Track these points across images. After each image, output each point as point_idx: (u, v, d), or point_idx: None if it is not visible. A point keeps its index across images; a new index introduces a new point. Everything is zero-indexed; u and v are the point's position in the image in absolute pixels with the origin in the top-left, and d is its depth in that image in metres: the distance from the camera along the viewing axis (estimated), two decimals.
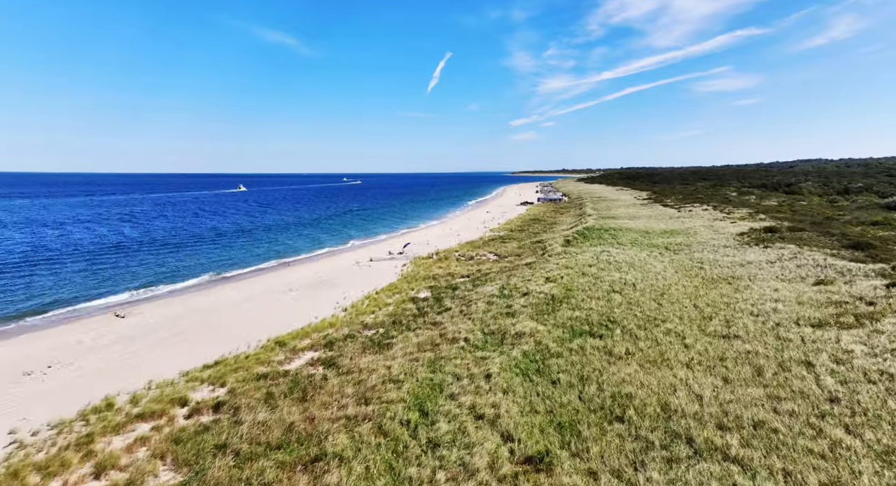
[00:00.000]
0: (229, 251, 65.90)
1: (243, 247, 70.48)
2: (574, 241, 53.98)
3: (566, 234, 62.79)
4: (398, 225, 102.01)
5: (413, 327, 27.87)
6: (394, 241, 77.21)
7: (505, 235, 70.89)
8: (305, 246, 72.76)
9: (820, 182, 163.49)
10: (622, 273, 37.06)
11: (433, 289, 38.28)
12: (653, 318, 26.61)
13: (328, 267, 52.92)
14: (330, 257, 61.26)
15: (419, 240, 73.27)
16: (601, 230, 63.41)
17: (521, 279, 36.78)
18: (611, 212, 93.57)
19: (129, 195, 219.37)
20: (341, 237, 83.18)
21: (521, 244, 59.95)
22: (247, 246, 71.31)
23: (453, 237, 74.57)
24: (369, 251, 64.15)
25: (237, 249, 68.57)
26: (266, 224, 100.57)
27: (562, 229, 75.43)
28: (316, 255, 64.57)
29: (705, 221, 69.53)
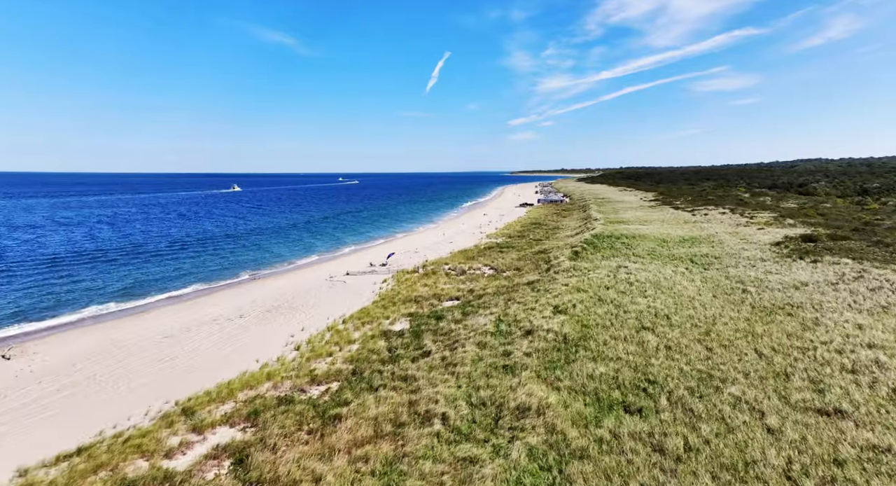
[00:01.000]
0: (200, 261, 58.29)
1: (221, 254, 62.96)
2: (583, 252, 46.50)
3: (573, 242, 55.31)
4: (389, 229, 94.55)
5: (376, 384, 20.36)
6: (380, 248, 69.76)
7: (503, 243, 63.44)
8: (289, 253, 65.21)
9: (831, 182, 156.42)
10: (649, 299, 29.60)
11: (413, 318, 30.78)
12: (706, 374, 19.15)
13: (297, 283, 45.42)
14: (304, 270, 53.74)
15: (408, 247, 65.78)
16: (612, 238, 55.95)
17: (522, 307, 29.28)
18: (618, 215, 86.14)
19: (118, 196, 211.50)
20: (329, 242, 75.72)
21: (521, 255, 52.47)
22: (225, 254, 63.70)
23: (445, 245, 67.07)
24: (350, 262, 56.66)
25: (212, 257, 60.96)
26: (253, 228, 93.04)
27: (566, 235, 67.97)
28: (292, 266, 56.99)
29: (727, 227, 62.14)
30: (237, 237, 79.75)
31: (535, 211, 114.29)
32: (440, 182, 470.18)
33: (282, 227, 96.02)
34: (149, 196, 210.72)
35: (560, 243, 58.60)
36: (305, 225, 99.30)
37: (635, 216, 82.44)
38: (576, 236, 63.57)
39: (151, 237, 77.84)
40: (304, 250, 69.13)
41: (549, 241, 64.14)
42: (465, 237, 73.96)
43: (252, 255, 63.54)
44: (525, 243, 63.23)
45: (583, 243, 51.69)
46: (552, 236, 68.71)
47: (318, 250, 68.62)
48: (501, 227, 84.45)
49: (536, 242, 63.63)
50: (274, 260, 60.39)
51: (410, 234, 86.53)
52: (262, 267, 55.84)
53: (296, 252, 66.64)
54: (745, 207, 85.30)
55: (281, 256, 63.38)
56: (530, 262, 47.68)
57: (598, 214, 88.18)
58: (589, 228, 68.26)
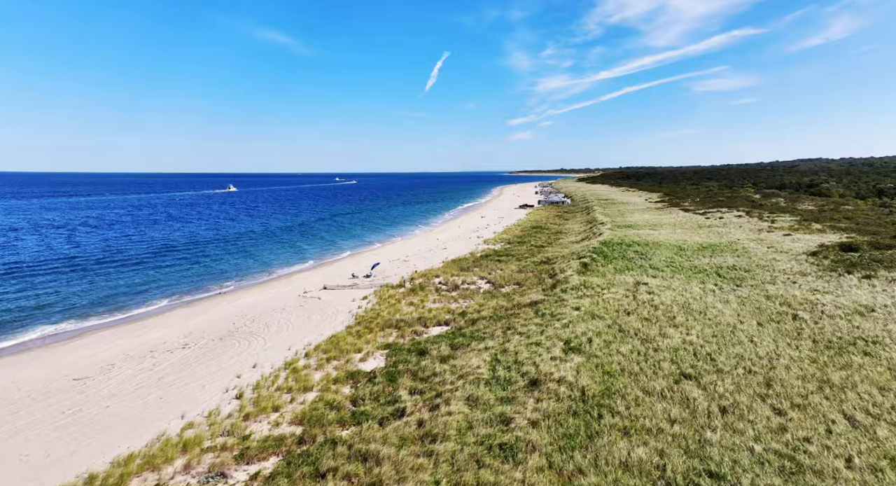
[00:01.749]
0: (174, 271, 52.55)
1: (201, 262, 57.25)
2: (593, 263, 40.76)
3: (579, 250, 49.60)
4: (382, 232, 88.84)
5: (324, 468, 14.60)
6: (369, 254, 64.09)
7: (501, 250, 57.72)
8: (272, 260, 59.57)
9: (839, 182, 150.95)
10: (681, 330, 23.90)
11: (391, 352, 25.05)
12: (791, 460, 13.41)
13: (267, 299, 39.65)
14: (280, 282, 47.98)
15: (397, 255, 60.05)
16: (623, 246, 50.27)
17: (524, 340, 23.54)
18: (625, 218, 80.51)
19: (109, 196, 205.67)
20: (317, 247, 70.08)
21: (522, 265, 46.73)
22: (206, 261, 57.92)
23: (439, 252, 61.35)
24: (332, 271, 50.94)
25: (188, 266, 55.15)
26: (242, 231, 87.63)
27: (571, 241, 62.30)
28: (270, 276, 51.17)
29: (748, 233, 56.47)
30: (224, 242, 74.09)
31: (536, 213, 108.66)
32: (439, 182, 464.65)
33: (272, 230, 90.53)
34: (141, 197, 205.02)
35: (565, 251, 52.89)
36: (297, 228, 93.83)
37: (644, 220, 76.79)
38: (582, 243, 57.88)
39: (131, 242, 72.42)
40: (290, 256, 63.48)
41: (552, 248, 58.44)
42: (460, 243, 68.24)
43: (232, 262, 57.78)
44: (526, 250, 57.51)
45: (591, 251, 45.95)
46: (555, 242, 62.99)
47: (304, 257, 62.93)
48: (500, 231, 78.75)
49: (538, 249, 57.91)
50: (254, 268, 54.68)
51: (403, 238, 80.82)
52: (237, 277, 50.09)
53: (279, 259, 60.90)
54: (760, 210, 79.69)
55: (262, 263, 57.64)
56: (533, 274, 41.93)
57: (603, 217, 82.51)
58: (595, 233, 62.55)
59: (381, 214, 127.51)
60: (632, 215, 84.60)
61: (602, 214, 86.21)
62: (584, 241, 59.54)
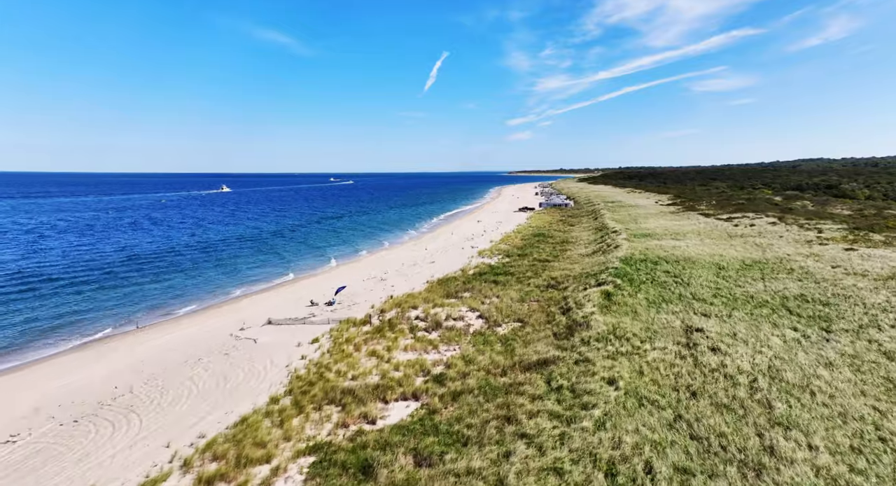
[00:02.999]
0: (101, 293, 42.77)
1: (139, 283, 47.29)
2: (617, 292, 31.16)
3: (595, 269, 40.01)
4: (366, 240, 79.21)
5: None
6: (346, 268, 54.60)
7: (498, 266, 48.11)
8: (226, 279, 49.66)
9: (854, 182, 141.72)
10: (794, 435, 14.38)
11: (317, 466, 15.45)
12: None
13: (188, 340, 30.04)
14: (219, 311, 38.36)
15: (374, 271, 50.46)
16: (648, 263, 40.71)
17: (535, 460, 13.97)
18: (639, 225, 71.03)
19: (95, 197, 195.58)
20: (286, 260, 60.44)
21: (524, 291, 37.06)
22: (145, 282, 47.51)
23: (425, 266, 51.78)
24: (289, 294, 41.33)
25: (121, 288, 45.13)
26: (217, 239, 78.27)
27: (581, 254, 52.75)
28: (214, 301, 41.40)
29: (796, 245, 46.99)
30: (188, 252, 64.47)
31: (537, 218, 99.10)
32: (437, 182, 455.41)
33: (249, 236, 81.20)
34: (124, 198, 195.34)
35: (576, 269, 43.32)
36: (274, 235, 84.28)
37: (661, 227, 67.31)
38: (595, 257, 48.33)
39: (81, 253, 63.08)
40: (258, 270, 53.83)
41: (559, 263, 48.88)
42: (451, 255, 58.64)
43: (182, 281, 47.99)
44: (528, 265, 47.92)
45: (612, 272, 36.34)
46: (562, 255, 53.44)
47: (267, 272, 53.30)
48: (497, 240, 69.18)
49: (543, 264, 48.32)
50: (204, 289, 45.03)
51: (387, 248, 71.23)
52: (178, 302, 40.39)
53: (239, 275, 51.14)
54: (793, 215, 70.28)
55: (212, 283, 47.85)
56: (539, 306, 32.29)
57: (614, 223, 72.98)
58: (610, 244, 52.97)
59: (372, 217, 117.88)
60: (646, 221, 75.14)
61: (612, 220, 76.67)
62: (597, 254, 50.00)
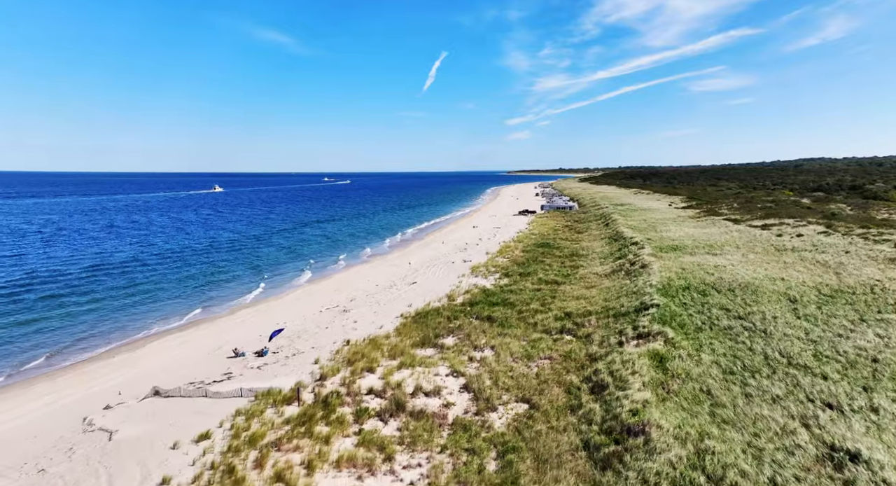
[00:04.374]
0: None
1: (92, 305, 38.00)
2: (672, 352, 20.91)
3: (627, 306, 29.77)
4: (347, 248, 69.18)
5: None
6: (309, 290, 44.61)
7: (495, 292, 37.91)
8: (152, 309, 39.55)
9: (877, 183, 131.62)
10: None
11: None
12: None
13: (22, 433, 19.93)
14: (93, 367, 28.26)
15: (341, 297, 40.30)
16: (695, 293, 30.53)
17: None
18: (660, 233, 60.86)
19: (71, 198, 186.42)
20: (249, 276, 50.58)
21: (530, 342, 26.73)
22: (26, 318, 37.66)
23: (404, 289, 41.61)
24: (214, 339, 31.19)
25: (23, 318, 35.45)
26: (177, 248, 69.14)
27: (598, 273, 42.57)
28: (106, 349, 31.26)
29: (875, 264, 36.72)
30: (130, 267, 54.74)
31: (540, 223, 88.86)
32: (435, 182, 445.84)
33: (220, 245, 72.16)
34: (100, 199, 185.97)
35: (597, 298, 33.13)
36: (249, 242, 74.87)
37: (688, 236, 57.09)
38: (617, 278, 38.14)
39: (38, 262, 55.37)
40: (189, 297, 43.50)
41: (572, 286, 38.68)
42: (438, 272, 48.48)
43: (71, 313, 37.78)
44: (532, 290, 37.72)
45: (652, 314, 26.11)
46: (574, 275, 43.23)
47: (211, 297, 43.18)
48: (495, 251, 58.99)
49: (552, 288, 38.09)
50: (94, 326, 34.82)
51: (367, 261, 61.04)
52: (37, 352, 30.18)
53: (161, 304, 40.94)
54: (840, 222, 60.15)
55: (121, 314, 37.54)
56: (553, 372, 21.95)
57: (630, 231, 62.77)
58: (634, 262, 42.71)
59: (360, 222, 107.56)
60: (666, 228, 64.95)
61: (627, 227, 66.43)
62: (619, 275, 39.79)
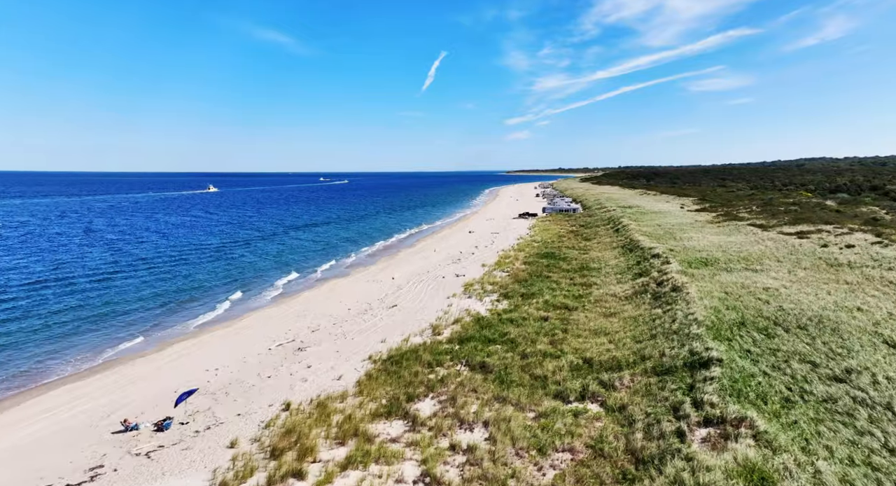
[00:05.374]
0: None
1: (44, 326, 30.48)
2: (773, 460, 13.28)
3: (671, 357, 22.16)
4: (330, 257, 61.59)
5: None
6: (268, 314, 37.01)
7: (492, 321, 30.25)
8: (83, 338, 32.03)
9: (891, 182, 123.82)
10: None
11: None
12: None
13: None
14: None
15: (300, 326, 32.68)
16: (758, 332, 22.88)
17: None
18: (680, 241, 53.25)
19: (47, 199, 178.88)
20: (205, 296, 42.97)
21: (542, 421, 19.04)
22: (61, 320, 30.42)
23: (380, 315, 33.97)
24: (126, 390, 23.60)
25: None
26: (152, 256, 61.87)
27: (618, 296, 34.93)
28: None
29: None
30: (91, 283, 47.06)
31: (542, 227, 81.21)
32: (434, 182, 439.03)
33: (200, 250, 65.64)
34: (95, 199, 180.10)
35: (624, 337, 25.54)
36: (230, 248, 68.54)
37: (714, 246, 49.42)
38: (641, 303, 30.52)
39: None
40: (138, 320, 35.92)
41: (587, 313, 31.02)
42: (424, 292, 40.81)
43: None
44: (537, 319, 30.08)
45: (715, 368, 18.50)
46: (588, 297, 35.55)
47: (166, 317, 35.76)
48: (492, 263, 51.34)
49: (562, 316, 30.43)
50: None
51: (345, 274, 53.40)
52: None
53: (100, 335, 33.27)
54: (886, 228, 52.51)
55: (38, 360, 29.91)
56: (576, 482, 14.35)
57: (646, 239, 55.11)
58: (662, 281, 35.02)
59: (351, 226, 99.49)
60: (686, 236, 57.28)
61: (643, 235, 58.74)
62: (643, 298, 32.15)
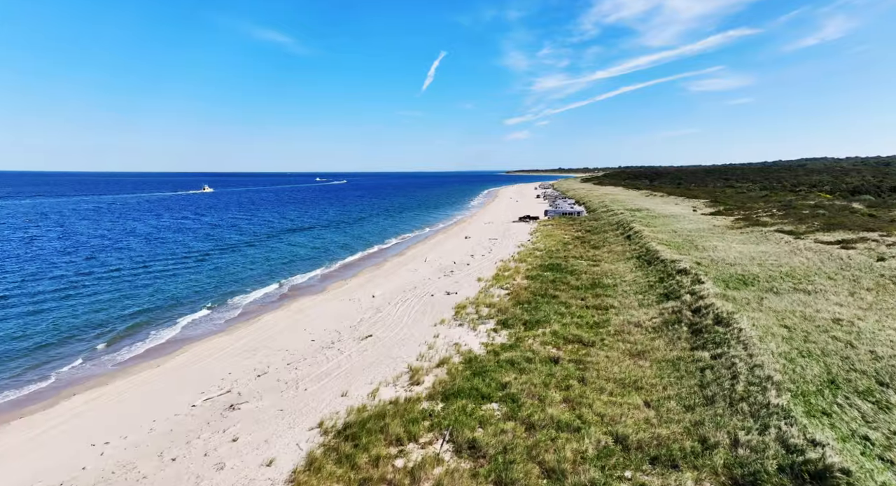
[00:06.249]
0: None
1: None
2: None
3: (749, 446, 15.60)
4: (308, 268, 54.99)
5: None
6: (222, 342, 30.46)
7: (488, 364, 23.69)
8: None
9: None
10: None
11: None
12: None
13: None
14: None
15: (254, 366, 26.09)
16: (860, 398, 16.36)
17: None
18: (704, 251, 46.64)
19: (39, 199, 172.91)
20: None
21: None
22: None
23: (350, 349, 27.35)
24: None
25: None
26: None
27: (644, 324, 28.31)
28: None
29: None
30: (31, 302, 40.14)
31: (545, 233, 74.58)
32: (432, 182, 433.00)
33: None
34: (80, 199, 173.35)
35: (661, 387, 18.86)
36: (209, 255, 61.58)
37: (745, 256, 42.74)
38: (678, 343, 23.92)
39: None
40: (55, 359, 29.35)
41: (606, 350, 24.38)
42: (408, 314, 34.13)
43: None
44: (544, 360, 23.49)
45: (833, 478, 12.00)
46: (605, 325, 28.90)
47: (91, 354, 29.00)
48: (490, 276, 44.69)
49: (574, 351, 23.84)
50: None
51: (318, 291, 46.82)
52: None
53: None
54: None
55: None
56: None
57: (666, 249, 48.43)
58: (702, 310, 28.35)
59: (340, 231, 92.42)
60: (709, 243, 50.59)
61: (660, 243, 52.02)
62: (677, 331, 25.56)
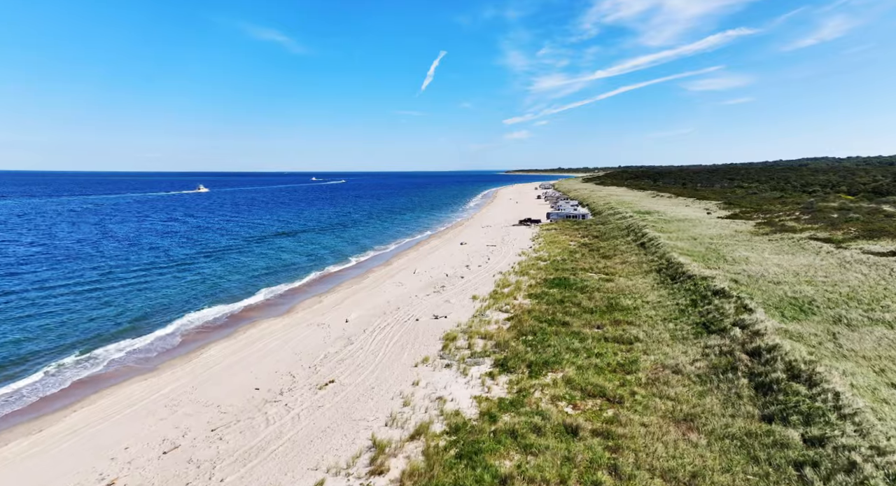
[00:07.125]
0: None
1: None
2: None
3: None
4: (286, 281, 48.47)
5: None
6: (149, 386, 23.84)
7: (481, 433, 17.29)
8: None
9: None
10: None
11: None
12: None
13: None
14: None
15: (168, 432, 19.63)
16: None
17: None
18: (736, 264, 40.12)
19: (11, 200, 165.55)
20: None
21: None
22: None
23: (301, 405, 20.87)
24: None
25: None
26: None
27: (680, 366, 21.68)
28: None
29: None
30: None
31: (548, 238, 68.03)
32: (431, 182, 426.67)
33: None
34: (66, 199, 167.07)
35: None
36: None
37: (789, 272, 36.19)
38: (738, 407, 17.44)
39: None
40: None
41: (637, 412, 17.90)
42: (384, 350, 27.56)
43: None
44: (554, 430, 17.14)
45: None
46: (632, 367, 22.37)
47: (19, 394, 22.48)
48: (486, 293, 38.06)
49: (598, 410, 17.39)
50: None
51: (284, 311, 40.20)
52: None
53: None
54: None
55: None
56: None
57: (693, 261, 41.81)
58: (763, 355, 21.61)
59: (331, 235, 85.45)
60: (737, 253, 44.08)
61: (682, 253, 45.40)
62: (733, 384, 19.09)
